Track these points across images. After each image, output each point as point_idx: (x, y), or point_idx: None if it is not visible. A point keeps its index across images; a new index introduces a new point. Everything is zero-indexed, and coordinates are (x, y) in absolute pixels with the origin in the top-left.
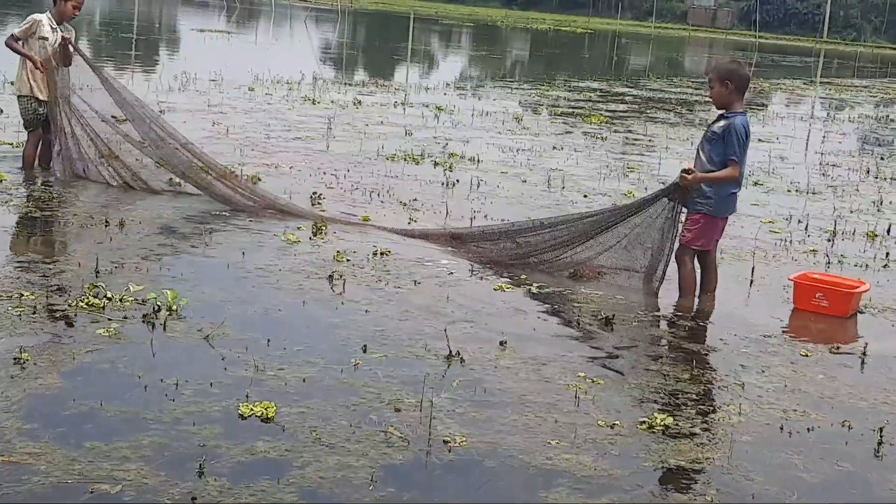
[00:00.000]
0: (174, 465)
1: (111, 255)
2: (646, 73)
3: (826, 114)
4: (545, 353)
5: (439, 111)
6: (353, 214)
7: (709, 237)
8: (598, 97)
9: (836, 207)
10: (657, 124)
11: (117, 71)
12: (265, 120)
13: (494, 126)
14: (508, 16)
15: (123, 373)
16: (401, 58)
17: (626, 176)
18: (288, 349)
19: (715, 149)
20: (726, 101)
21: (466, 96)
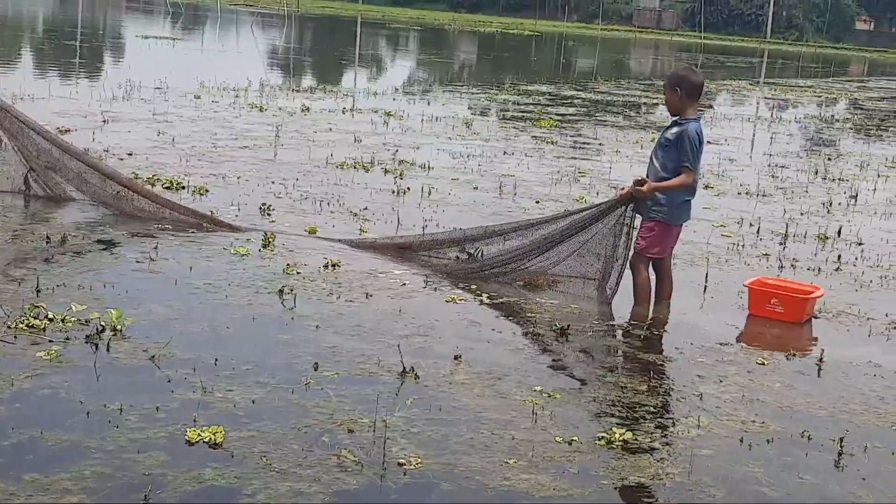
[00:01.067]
0: (118, 496)
1: (53, 273)
2: (593, 75)
3: (772, 114)
4: (500, 367)
5: (388, 117)
6: (255, 222)
7: (663, 245)
8: (546, 100)
9: (786, 210)
10: (606, 127)
11: (61, 79)
12: (212, 128)
13: (444, 131)
14: (456, 19)
15: (65, 398)
16: (349, 62)
17: (577, 181)
18: (237, 369)
19: (668, 155)
20: (679, 108)
21: (415, 101)
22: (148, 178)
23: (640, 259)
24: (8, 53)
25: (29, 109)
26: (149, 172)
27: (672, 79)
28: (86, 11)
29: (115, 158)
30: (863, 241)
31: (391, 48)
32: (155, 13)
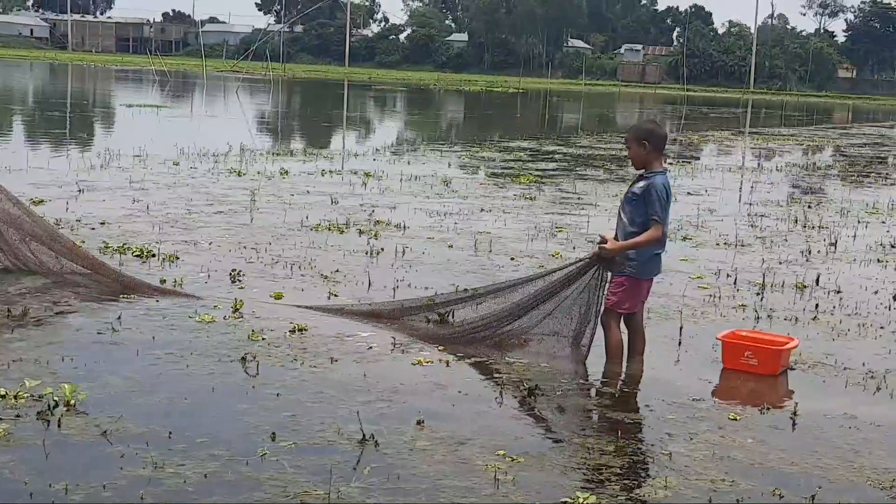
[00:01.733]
0: None
1: (10, 347)
2: (577, 130)
3: (755, 164)
4: (464, 431)
5: (367, 177)
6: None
7: (634, 300)
8: (528, 156)
9: (764, 259)
10: (586, 181)
11: (40, 150)
12: (188, 195)
13: (423, 191)
14: (441, 79)
15: (9, 479)
16: (332, 125)
17: (554, 236)
18: (191, 442)
19: (636, 210)
20: (645, 161)
21: (395, 161)
22: (118, 247)
23: (611, 315)
24: None
25: (5, 181)
26: (120, 241)
27: (638, 132)
28: (76, 82)
29: (86, 228)
30: (841, 289)
31: (375, 109)
32: (143, 81)
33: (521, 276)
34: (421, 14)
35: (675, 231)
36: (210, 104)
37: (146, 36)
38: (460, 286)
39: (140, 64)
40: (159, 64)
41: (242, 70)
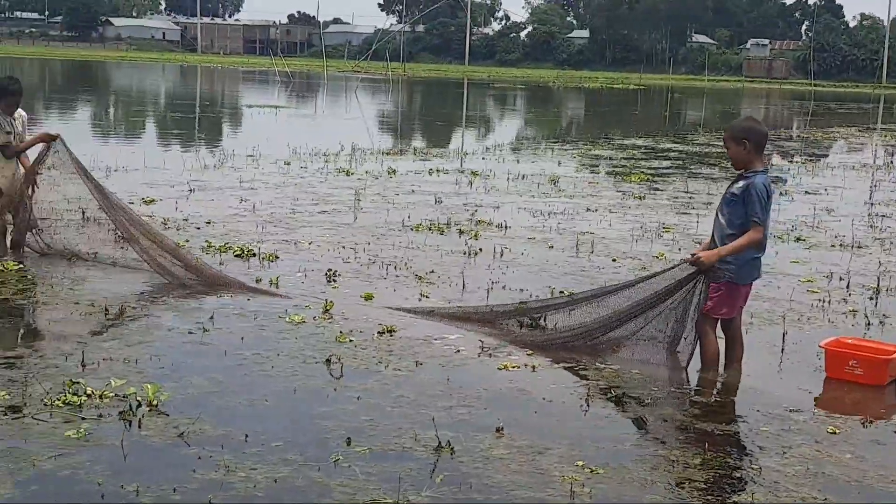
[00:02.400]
0: None
1: (103, 346)
2: (698, 127)
3: (883, 162)
4: (544, 440)
5: (474, 176)
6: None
7: (731, 305)
8: (641, 154)
9: (881, 262)
10: (699, 180)
11: (156, 150)
12: (294, 194)
13: (529, 190)
14: (560, 76)
15: (83, 480)
16: (446, 124)
17: (660, 237)
18: (266, 445)
19: (735, 211)
20: (745, 161)
21: (505, 160)
22: (220, 247)
23: (707, 320)
24: (115, 127)
25: (120, 181)
26: (223, 240)
27: (737, 131)
28: (203, 83)
29: (192, 227)
30: None
31: (492, 108)
32: (269, 82)
33: (620, 278)
34: (542, 11)
35: (787, 231)
36: (328, 104)
37: (272, 38)
38: (556, 289)
39: (265, 65)
40: (282, 65)
41: (363, 70)
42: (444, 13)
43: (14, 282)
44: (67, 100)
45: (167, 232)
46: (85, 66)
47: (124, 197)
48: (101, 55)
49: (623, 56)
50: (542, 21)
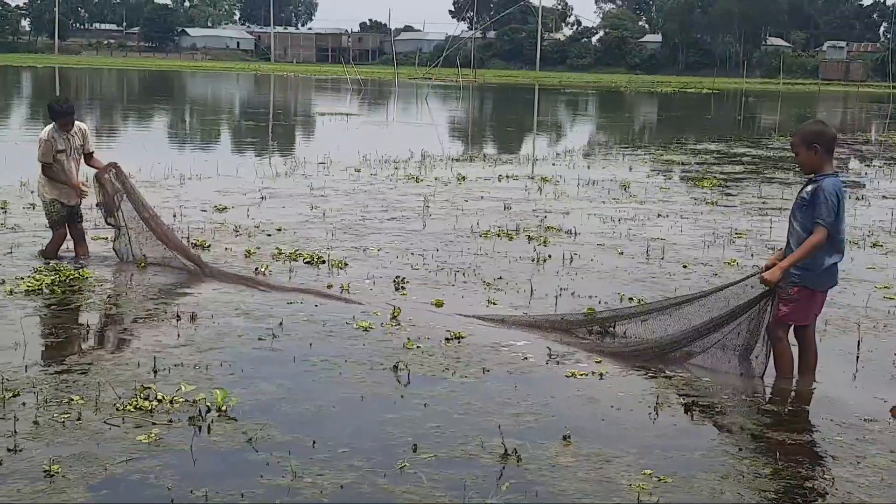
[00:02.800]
0: None
1: (174, 351)
2: (772, 131)
3: None
4: (611, 448)
5: (544, 182)
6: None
7: (806, 312)
8: (714, 159)
9: None
10: (773, 185)
11: (230, 158)
12: (364, 201)
13: (599, 196)
14: (632, 81)
15: (153, 484)
16: (516, 130)
17: (732, 242)
18: (333, 451)
19: (807, 216)
20: (816, 165)
21: (575, 165)
22: (290, 254)
23: (780, 327)
24: (190, 136)
25: (194, 188)
26: (292, 247)
27: (806, 135)
28: (276, 92)
29: (263, 234)
30: None
31: (562, 113)
32: (341, 90)
33: (692, 284)
34: (614, 16)
35: (864, 237)
36: (399, 111)
37: (344, 46)
38: (626, 295)
39: (337, 73)
40: (354, 73)
41: (434, 77)
42: (514, 19)
43: (88, 289)
44: (144, 109)
45: (238, 239)
46: (162, 75)
47: (197, 204)
48: (176, 65)
49: (696, 60)
50: (614, 26)
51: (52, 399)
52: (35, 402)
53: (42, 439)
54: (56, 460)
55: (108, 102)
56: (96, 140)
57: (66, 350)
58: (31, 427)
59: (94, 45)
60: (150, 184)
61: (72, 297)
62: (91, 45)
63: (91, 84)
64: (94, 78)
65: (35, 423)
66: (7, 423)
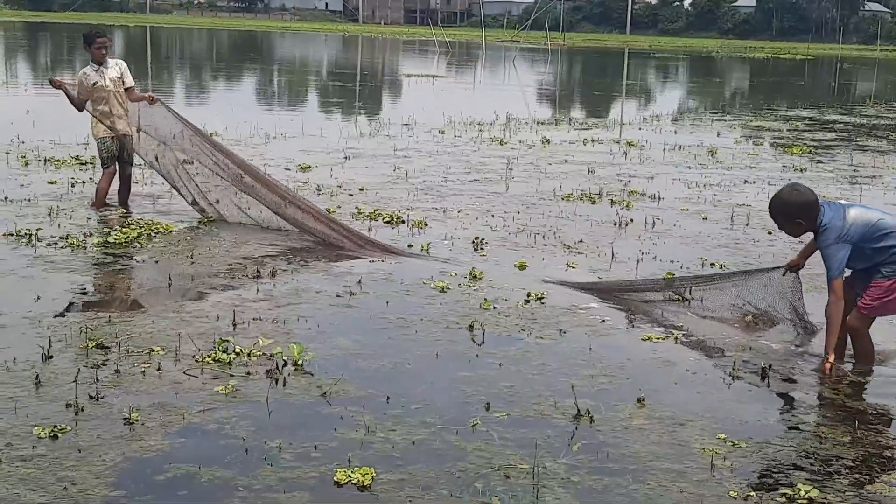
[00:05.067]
0: None
1: (253, 306)
2: (867, 98)
3: None
4: (685, 412)
5: (629, 146)
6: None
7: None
8: (805, 126)
9: None
10: (865, 153)
11: (315, 118)
12: (447, 163)
13: (685, 161)
14: (724, 46)
15: (230, 434)
16: (604, 94)
17: None
18: (406, 408)
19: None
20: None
21: (663, 130)
22: (370, 213)
23: (863, 320)
24: (277, 95)
25: (279, 147)
26: (373, 207)
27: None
28: (362, 53)
29: (345, 194)
30: None
31: (652, 78)
32: (428, 52)
33: (776, 251)
34: None
35: None
36: (485, 74)
37: (432, 8)
38: (708, 260)
39: (424, 35)
40: (441, 35)
41: (522, 40)
42: None
43: (172, 243)
44: (233, 69)
45: (320, 198)
46: (250, 36)
47: (281, 163)
48: (265, 25)
49: (790, 25)
50: None
51: (134, 349)
52: (117, 353)
53: (123, 388)
54: (136, 408)
55: (198, 62)
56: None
57: (149, 302)
58: (113, 376)
59: (184, 5)
60: (236, 142)
61: (156, 251)
62: (182, 5)
63: (181, 44)
64: (184, 37)
65: (116, 371)
66: (90, 371)
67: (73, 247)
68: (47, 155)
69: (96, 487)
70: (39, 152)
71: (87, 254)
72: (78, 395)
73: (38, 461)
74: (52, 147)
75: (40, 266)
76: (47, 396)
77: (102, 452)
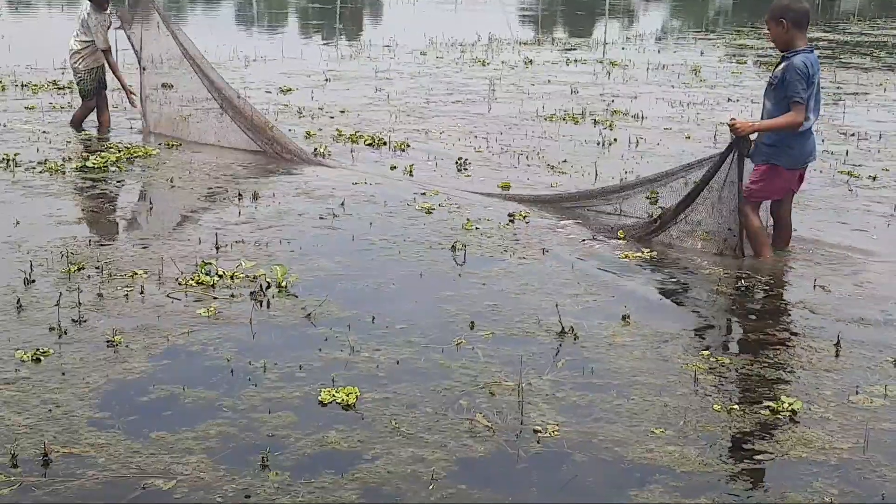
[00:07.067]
0: (237, 457)
1: (235, 229)
2: (851, 16)
3: None
4: (670, 328)
5: (613, 66)
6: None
7: (772, 189)
8: None
9: None
10: (848, 70)
11: (295, 41)
12: (429, 84)
13: (668, 80)
14: None
15: (213, 356)
16: (586, 14)
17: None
18: (391, 327)
19: (778, 95)
20: (786, 41)
21: (645, 50)
22: (350, 135)
23: (747, 203)
24: (257, 18)
25: (259, 70)
26: (354, 129)
27: (774, 11)
28: None
29: (326, 116)
30: None
31: None
32: None
33: None
34: None
35: None
36: None
37: None
38: (692, 180)
39: None
40: None
41: None
42: None
43: (152, 167)
44: None
45: (301, 121)
46: None
47: (262, 87)
48: None
49: None
50: None
51: (116, 273)
52: (99, 276)
53: (105, 311)
54: (119, 331)
55: None
56: None
57: (131, 226)
58: (96, 299)
59: None
60: (216, 65)
61: (137, 175)
62: None
63: None
64: None
65: (99, 295)
66: (72, 294)
67: (52, 171)
68: (24, 80)
69: (80, 409)
70: (16, 77)
71: (66, 178)
72: (61, 319)
73: (21, 384)
74: (29, 72)
75: (19, 191)
76: (29, 320)
77: (86, 374)
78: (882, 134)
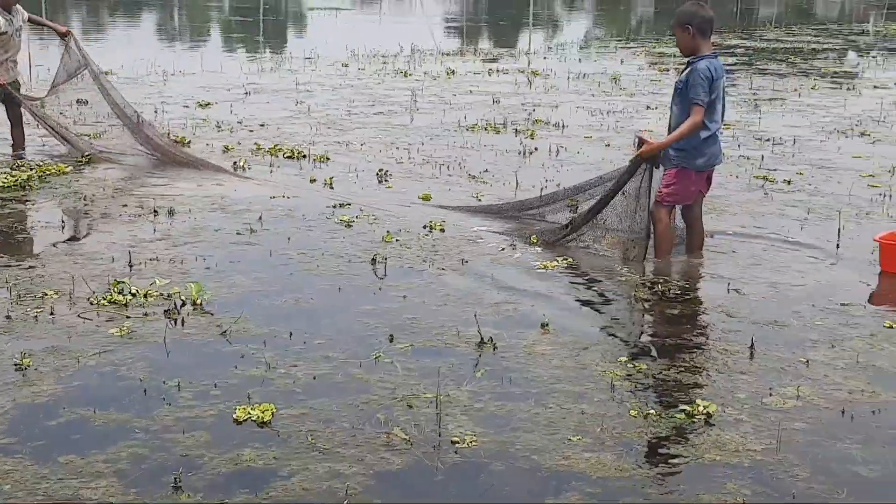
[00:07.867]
0: (149, 479)
1: (150, 246)
2: (768, 23)
3: None
4: (588, 336)
5: (534, 76)
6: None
7: (683, 193)
8: None
9: None
10: (765, 76)
11: (214, 54)
12: (350, 96)
13: (589, 89)
14: None
15: (126, 376)
16: (512, 25)
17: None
18: (308, 343)
19: (683, 100)
20: (691, 47)
21: (566, 59)
22: (269, 149)
23: (659, 207)
24: (178, 32)
25: (178, 84)
26: (274, 142)
27: (680, 17)
28: None
29: (245, 130)
30: None
31: (559, 7)
32: None
33: None
34: None
35: (852, 126)
36: (391, 6)
37: None
38: None
39: None
40: None
41: None
42: None
43: (64, 185)
44: (131, 4)
45: (220, 135)
46: None
47: (180, 101)
48: None
49: None
50: None
51: (25, 294)
52: (8, 297)
53: (14, 333)
54: (28, 353)
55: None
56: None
57: (41, 245)
58: (3, 321)
59: None
60: (133, 80)
61: (48, 193)
62: None
63: None
64: None
65: (7, 317)
66: None
67: None
68: None
69: None
70: None
71: None
72: None
73: None
74: None
75: None
76: None
77: None
78: (796, 139)
